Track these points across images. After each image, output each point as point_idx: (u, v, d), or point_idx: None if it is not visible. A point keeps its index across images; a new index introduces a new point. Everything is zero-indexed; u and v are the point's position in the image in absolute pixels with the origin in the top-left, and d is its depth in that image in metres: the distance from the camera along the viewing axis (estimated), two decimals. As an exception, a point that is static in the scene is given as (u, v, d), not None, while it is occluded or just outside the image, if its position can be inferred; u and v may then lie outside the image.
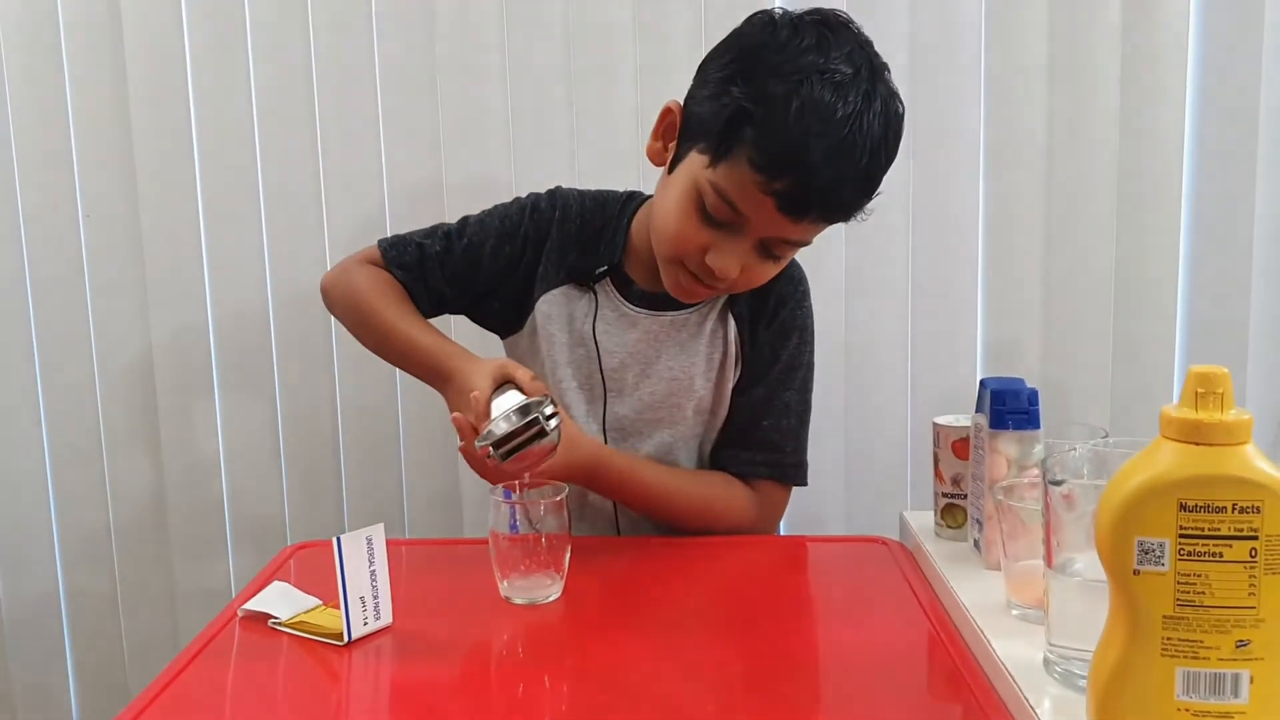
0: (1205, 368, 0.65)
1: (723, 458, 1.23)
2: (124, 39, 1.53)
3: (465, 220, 1.25)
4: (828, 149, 1.00)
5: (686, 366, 1.20)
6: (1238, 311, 1.50)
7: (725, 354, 1.21)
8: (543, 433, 0.96)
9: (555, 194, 1.24)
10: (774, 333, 1.21)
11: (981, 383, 1.01)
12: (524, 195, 1.26)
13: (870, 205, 1.09)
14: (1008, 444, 0.97)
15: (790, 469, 1.22)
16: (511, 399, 1.00)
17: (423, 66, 1.52)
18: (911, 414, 1.57)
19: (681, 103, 1.11)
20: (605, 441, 1.20)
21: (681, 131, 1.10)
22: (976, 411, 1.02)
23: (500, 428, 0.96)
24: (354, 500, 1.63)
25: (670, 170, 1.12)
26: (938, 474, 1.09)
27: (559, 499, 0.97)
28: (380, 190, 1.56)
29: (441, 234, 1.24)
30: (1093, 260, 1.52)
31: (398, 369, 1.30)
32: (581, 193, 1.25)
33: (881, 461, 1.58)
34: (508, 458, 0.96)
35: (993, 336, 1.56)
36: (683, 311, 1.20)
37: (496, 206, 1.25)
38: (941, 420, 1.09)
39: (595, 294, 1.20)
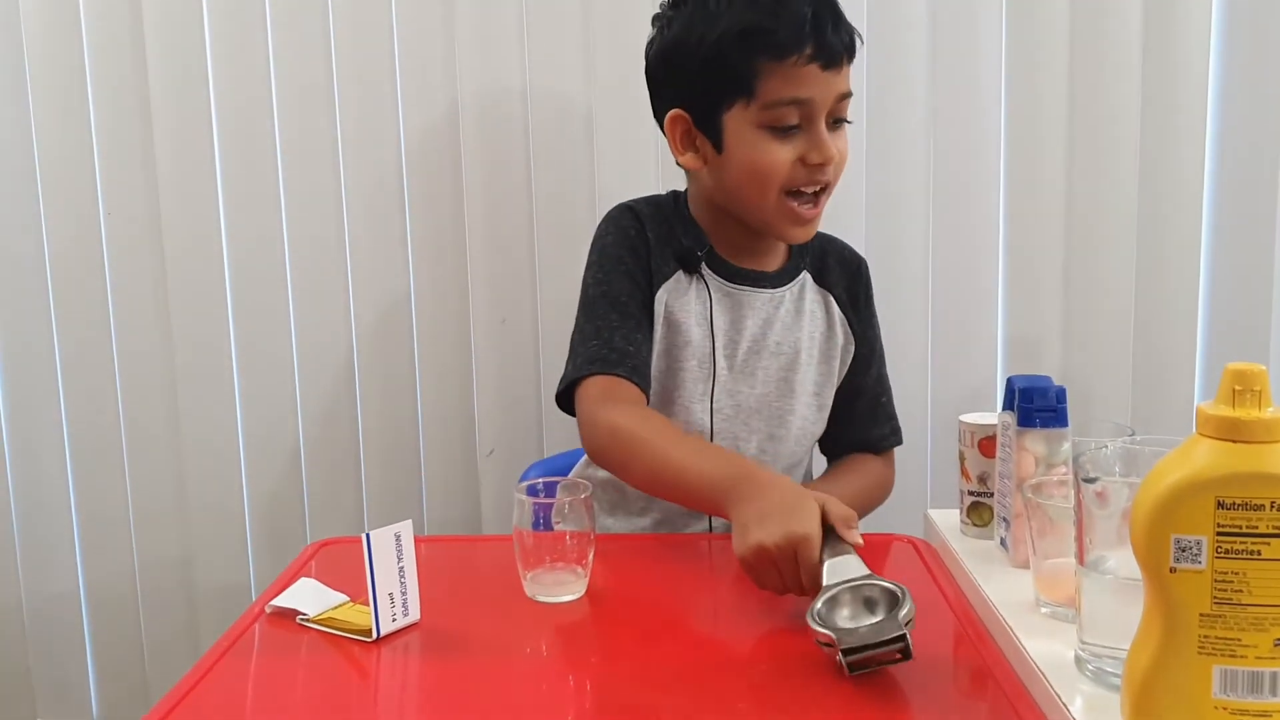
0: (1242, 365, 0.64)
1: (857, 437, 1.31)
2: (145, 46, 1.54)
3: (589, 291, 1.20)
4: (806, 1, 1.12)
5: (794, 341, 1.24)
6: (1259, 309, 1.50)
7: (830, 328, 1.28)
8: (907, 652, 0.78)
9: (620, 208, 1.25)
10: (870, 312, 1.32)
11: (1009, 380, 1.01)
12: (598, 228, 1.24)
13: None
14: (1035, 442, 0.97)
15: (901, 434, 1.34)
16: (848, 566, 0.86)
17: (443, 80, 1.53)
18: (932, 412, 1.57)
19: (678, 109, 1.17)
20: (711, 423, 1.21)
21: (700, 120, 1.17)
22: (1003, 409, 1.02)
23: (856, 635, 0.79)
24: (373, 498, 1.63)
25: (720, 152, 1.16)
26: (964, 472, 1.09)
27: (584, 497, 0.97)
28: (400, 190, 1.57)
29: (600, 313, 1.18)
30: (1113, 258, 1.52)
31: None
32: (634, 200, 1.26)
33: (902, 459, 1.57)
34: (857, 668, 0.80)
35: (1013, 334, 1.55)
36: (780, 289, 1.25)
37: (591, 257, 1.23)
38: (968, 418, 1.09)
39: (705, 281, 1.23)
